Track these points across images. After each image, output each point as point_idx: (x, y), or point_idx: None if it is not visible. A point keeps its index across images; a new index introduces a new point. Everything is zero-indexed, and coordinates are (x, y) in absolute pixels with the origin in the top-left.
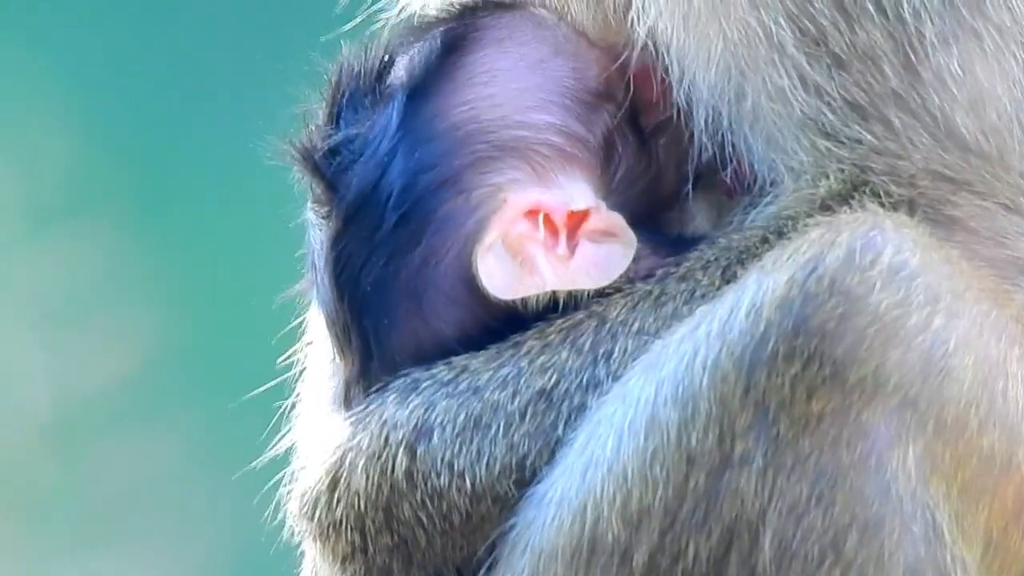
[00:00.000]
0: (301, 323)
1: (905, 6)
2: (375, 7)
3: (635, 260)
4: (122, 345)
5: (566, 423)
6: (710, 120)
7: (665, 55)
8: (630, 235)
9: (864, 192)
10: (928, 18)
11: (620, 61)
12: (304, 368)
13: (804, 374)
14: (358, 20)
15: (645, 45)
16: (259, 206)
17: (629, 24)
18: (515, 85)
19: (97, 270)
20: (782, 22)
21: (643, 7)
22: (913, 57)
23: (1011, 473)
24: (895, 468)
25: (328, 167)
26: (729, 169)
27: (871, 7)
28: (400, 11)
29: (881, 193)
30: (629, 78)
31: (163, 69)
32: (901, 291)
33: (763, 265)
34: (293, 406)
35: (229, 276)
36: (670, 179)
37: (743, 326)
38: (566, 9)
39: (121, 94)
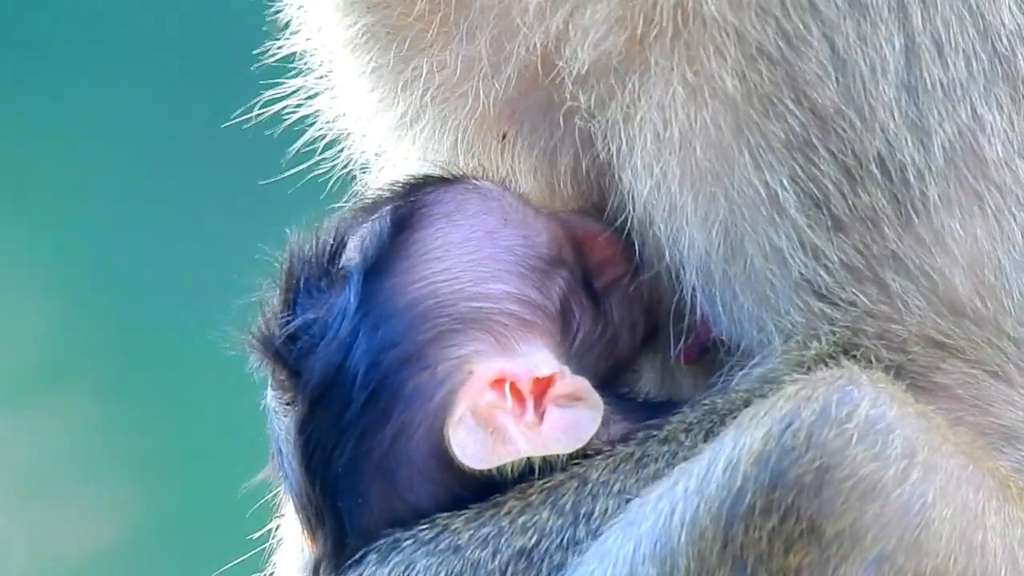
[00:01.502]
0: (275, 496)
1: (909, 168)
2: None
3: (605, 423)
4: (99, 516)
5: None
6: (699, 281)
7: (652, 216)
8: (596, 398)
9: (853, 357)
10: (932, 180)
11: (566, 226)
12: (279, 540)
13: (782, 528)
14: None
15: (593, 208)
16: (234, 382)
17: (614, 177)
18: (469, 257)
19: (74, 441)
20: (786, 184)
21: (637, 170)
22: (916, 219)
23: None
24: None
25: (289, 353)
26: (691, 336)
27: (875, 169)
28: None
29: (872, 359)
30: (579, 242)
31: (141, 244)
32: (878, 444)
33: (740, 421)
34: None
35: (205, 449)
36: (627, 339)
37: (720, 481)
38: (509, 179)
39: (99, 268)
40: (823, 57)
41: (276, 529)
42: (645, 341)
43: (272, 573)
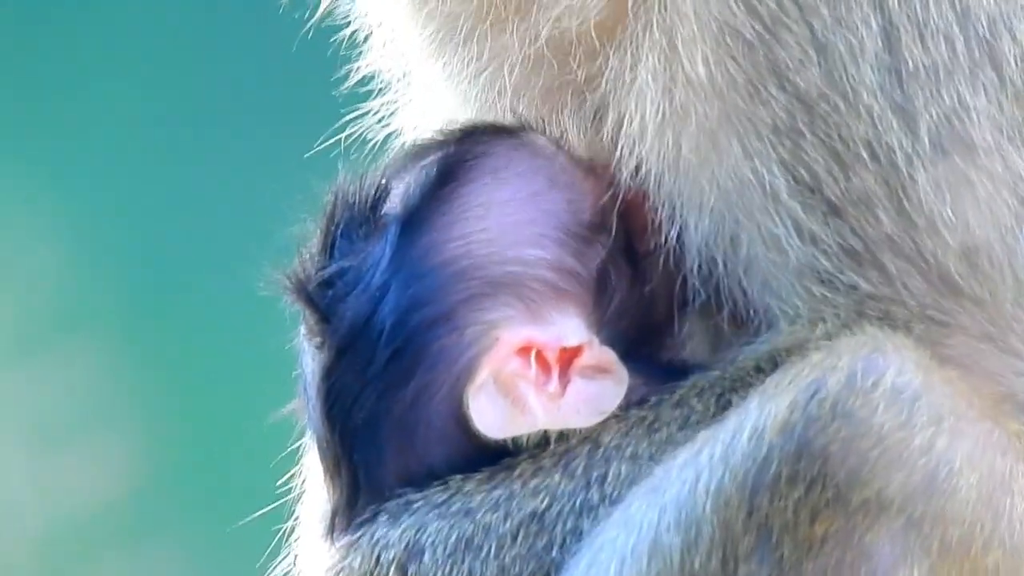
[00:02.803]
0: (299, 446)
1: (897, 152)
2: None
3: (628, 391)
4: (117, 465)
5: (559, 546)
6: (703, 263)
7: (655, 193)
8: (622, 371)
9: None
10: (920, 165)
11: (613, 189)
12: (304, 491)
13: (807, 497)
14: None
15: (636, 174)
16: (252, 325)
17: (618, 156)
18: (509, 219)
19: (89, 390)
20: (776, 170)
21: (629, 147)
22: (906, 203)
23: None
24: None
25: (322, 298)
26: (725, 310)
27: (864, 153)
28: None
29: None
30: (622, 206)
31: (153, 190)
32: (904, 412)
33: (765, 389)
34: (293, 530)
35: (226, 398)
36: (663, 307)
37: (746, 450)
38: (564, 134)
39: (110, 216)
40: (803, 41)
41: (301, 480)
42: (694, 309)
43: (297, 524)
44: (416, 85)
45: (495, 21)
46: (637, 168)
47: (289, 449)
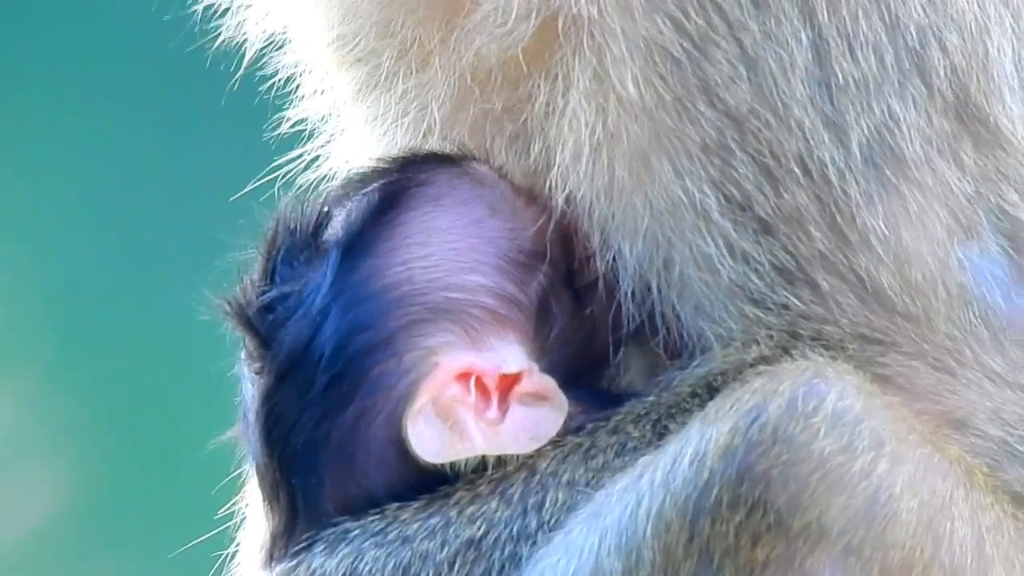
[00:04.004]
0: (241, 472)
1: (830, 167)
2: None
3: (566, 418)
4: (55, 493)
5: (497, 573)
6: (637, 289)
7: (585, 222)
8: (561, 398)
9: (794, 357)
10: (852, 178)
11: (550, 217)
12: (245, 518)
13: (748, 522)
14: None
15: (568, 200)
16: (194, 351)
17: (551, 183)
18: (450, 246)
19: (27, 416)
20: (706, 189)
21: (561, 173)
22: (839, 218)
23: None
24: None
25: (262, 323)
26: (660, 336)
27: (796, 169)
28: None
29: (807, 357)
30: (555, 234)
31: (93, 215)
32: (845, 437)
33: (705, 414)
34: (233, 557)
35: (166, 424)
36: (604, 337)
37: (687, 475)
38: (501, 165)
39: (44, 241)
40: (732, 57)
41: (242, 507)
42: (632, 335)
43: (237, 551)
44: (346, 127)
45: (418, 56)
46: (570, 194)
47: (231, 476)
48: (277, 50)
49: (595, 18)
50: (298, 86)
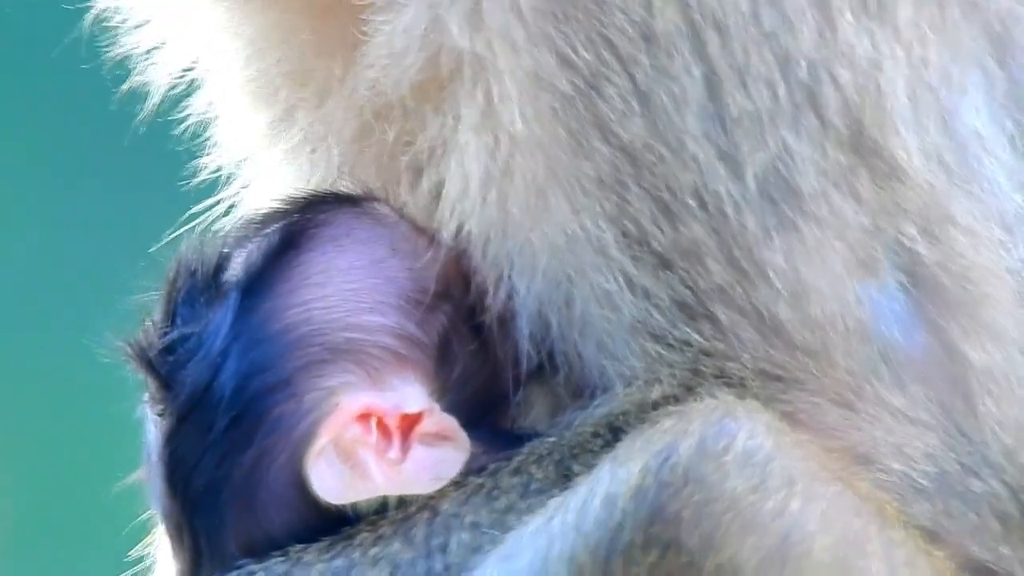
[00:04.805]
0: (149, 514)
1: (726, 200)
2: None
3: (469, 458)
4: None
5: None
6: (536, 328)
7: (479, 259)
8: (463, 438)
9: (696, 396)
10: (749, 211)
11: (445, 255)
12: (154, 560)
13: (662, 563)
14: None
15: (458, 237)
16: (97, 393)
17: (442, 219)
18: (350, 286)
19: None
20: (603, 225)
21: (451, 208)
22: (736, 251)
23: None
24: None
25: (163, 365)
26: (561, 375)
27: (692, 202)
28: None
29: (715, 396)
30: (468, 276)
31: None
32: (756, 476)
33: (616, 455)
34: None
35: (72, 467)
36: (506, 376)
37: (598, 516)
38: (402, 203)
39: None
40: (624, 92)
41: (151, 548)
42: (534, 374)
43: None
44: (258, 171)
45: (318, 93)
46: (460, 230)
47: (140, 518)
48: (189, 96)
49: (479, 53)
50: (211, 132)
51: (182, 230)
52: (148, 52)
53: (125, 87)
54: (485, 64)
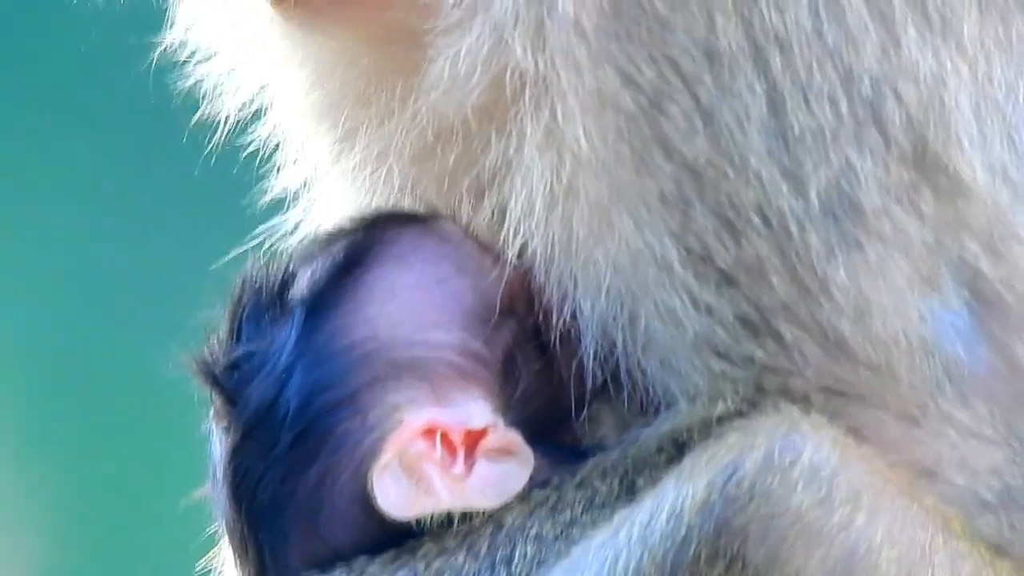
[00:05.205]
0: (215, 530)
1: (789, 217)
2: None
3: (532, 473)
4: (30, 557)
5: None
6: (601, 345)
7: (545, 276)
8: (528, 453)
9: (761, 411)
10: (812, 228)
11: (517, 276)
12: (221, 573)
13: None
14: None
15: (521, 256)
16: (163, 410)
17: (506, 239)
18: (415, 303)
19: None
20: (667, 242)
21: (514, 228)
22: (799, 268)
23: None
24: None
25: (228, 381)
26: (625, 392)
27: (755, 219)
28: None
29: (780, 411)
30: (533, 293)
31: (59, 282)
32: (822, 490)
33: (681, 470)
34: None
35: (139, 484)
36: (569, 393)
37: (664, 530)
38: (468, 222)
39: (15, 308)
40: (688, 110)
41: (217, 562)
42: (598, 392)
43: None
44: (322, 192)
45: (380, 115)
46: (524, 249)
47: (207, 532)
48: (255, 121)
49: (543, 73)
50: (278, 155)
51: (247, 247)
52: (216, 83)
53: (196, 116)
54: (549, 84)
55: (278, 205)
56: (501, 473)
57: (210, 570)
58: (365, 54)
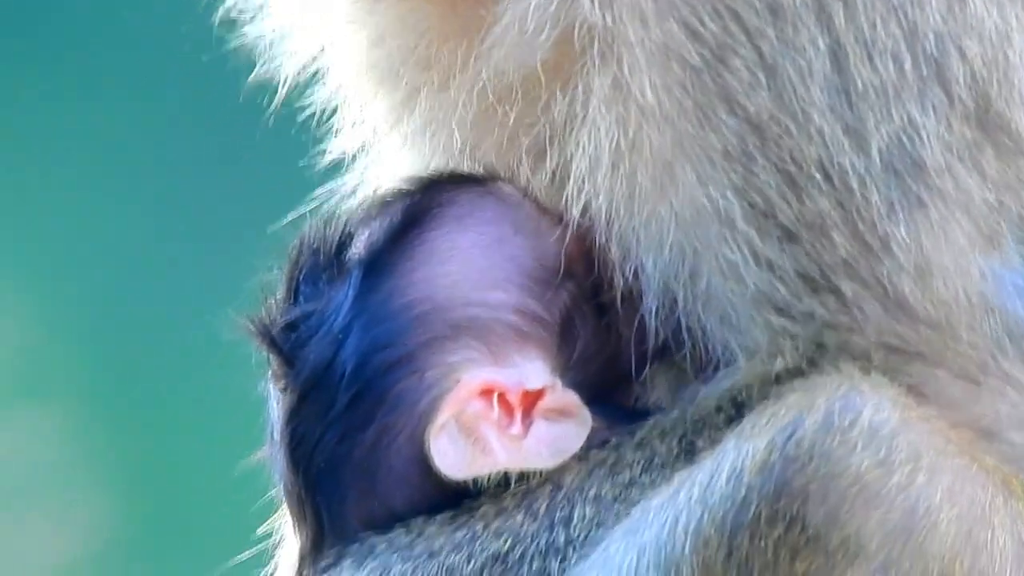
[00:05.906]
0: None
1: (851, 174)
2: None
3: (590, 433)
4: (91, 520)
5: None
6: (661, 303)
7: (604, 236)
8: (585, 414)
9: (820, 370)
10: (873, 185)
11: (577, 236)
12: (282, 536)
13: (787, 537)
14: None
15: (585, 215)
16: (220, 372)
17: (570, 197)
18: (473, 264)
19: (58, 445)
20: (730, 196)
21: (578, 185)
22: (861, 225)
23: None
24: None
25: (285, 342)
26: (685, 350)
27: (818, 176)
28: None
29: (840, 370)
30: (592, 254)
31: (117, 247)
32: (882, 450)
33: (741, 430)
34: (273, 574)
35: (196, 446)
36: (628, 352)
37: (724, 491)
38: (528, 183)
39: (74, 274)
40: (751, 64)
41: (278, 525)
42: (658, 354)
43: (275, 570)
44: (381, 154)
45: (441, 75)
46: (587, 207)
47: (267, 494)
48: (314, 83)
49: (610, 27)
50: (337, 118)
51: (305, 210)
52: (276, 44)
53: (252, 76)
54: (616, 37)
55: (337, 167)
56: (558, 433)
57: (272, 533)
58: (430, 14)
